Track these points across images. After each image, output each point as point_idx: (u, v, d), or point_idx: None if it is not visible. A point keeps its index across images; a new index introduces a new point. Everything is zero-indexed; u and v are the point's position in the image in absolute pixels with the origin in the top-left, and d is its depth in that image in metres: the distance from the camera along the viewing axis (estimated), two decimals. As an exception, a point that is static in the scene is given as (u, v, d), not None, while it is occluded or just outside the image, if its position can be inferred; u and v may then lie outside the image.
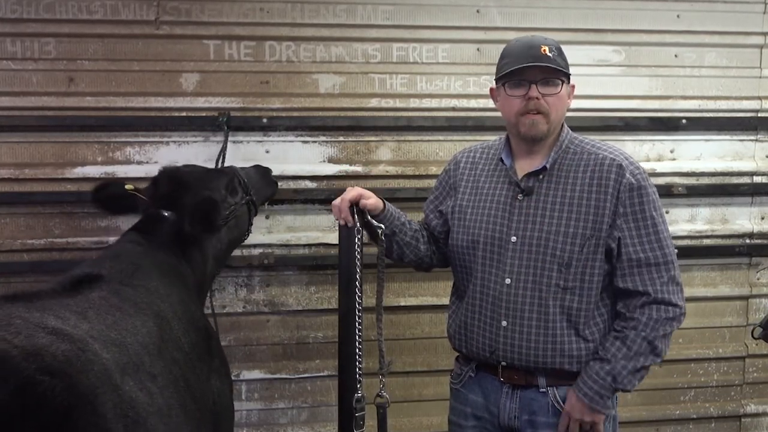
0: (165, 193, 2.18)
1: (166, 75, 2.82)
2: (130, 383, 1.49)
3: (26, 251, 2.79)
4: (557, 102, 1.89)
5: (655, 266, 1.86)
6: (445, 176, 2.18)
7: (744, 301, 3.24)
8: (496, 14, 2.96)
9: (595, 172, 1.89)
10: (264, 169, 2.67)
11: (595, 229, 1.86)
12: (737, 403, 3.28)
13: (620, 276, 1.89)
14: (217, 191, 2.28)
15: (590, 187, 1.88)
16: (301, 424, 3.05)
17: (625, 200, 1.86)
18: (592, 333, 1.91)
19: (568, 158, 1.94)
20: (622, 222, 1.86)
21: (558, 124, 1.95)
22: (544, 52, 1.86)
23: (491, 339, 1.96)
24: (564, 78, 1.89)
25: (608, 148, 1.95)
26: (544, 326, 1.90)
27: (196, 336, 1.97)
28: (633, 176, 1.87)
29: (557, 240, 1.87)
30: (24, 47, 2.75)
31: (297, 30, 2.87)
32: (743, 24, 3.08)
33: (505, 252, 1.94)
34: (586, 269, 1.88)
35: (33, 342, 1.32)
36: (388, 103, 2.94)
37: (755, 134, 3.16)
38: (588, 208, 1.87)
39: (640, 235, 1.86)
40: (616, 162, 1.88)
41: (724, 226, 3.17)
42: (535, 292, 1.90)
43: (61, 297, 1.66)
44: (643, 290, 1.86)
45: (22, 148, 2.78)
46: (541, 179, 1.93)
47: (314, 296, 3.00)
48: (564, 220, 1.88)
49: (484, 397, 2.02)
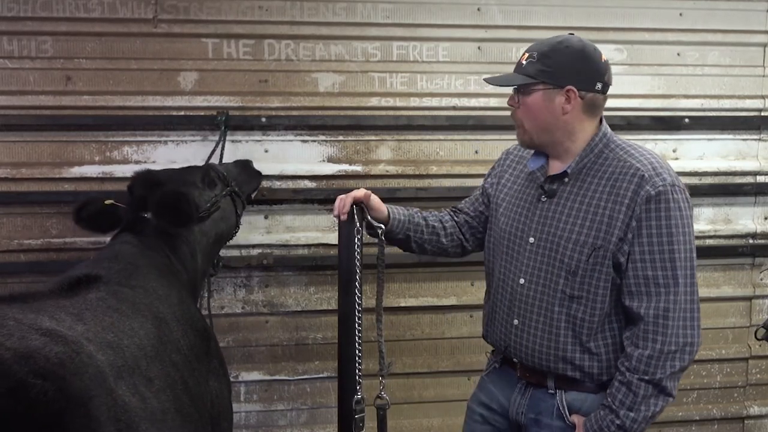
0: (140, 196, 2.17)
1: (165, 74, 2.80)
2: (124, 387, 1.47)
3: (23, 251, 2.78)
4: (525, 111, 1.85)
5: (664, 287, 1.73)
6: (495, 168, 2.19)
7: (747, 302, 3.22)
8: (497, 12, 2.94)
9: (617, 180, 1.79)
10: (244, 162, 2.68)
11: (605, 240, 1.78)
12: (740, 404, 3.26)
13: (626, 293, 1.79)
14: (192, 185, 2.29)
15: (609, 195, 1.79)
16: (301, 425, 3.03)
17: (640, 213, 1.74)
18: (598, 347, 1.84)
19: (598, 163, 1.85)
20: (634, 236, 1.75)
21: (539, 133, 1.87)
22: (522, 60, 1.85)
23: (505, 335, 1.98)
24: (538, 85, 1.81)
25: (641, 156, 1.82)
26: (548, 331, 1.87)
27: (194, 337, 1.95)
28: (654, 188, 1.73)
29: (567, 246, 1.83)
30: (21, 46, 2.73)
31: (296, 28, 2.86)
32: (746, 22, 3.06)
33: (522, 252, 1.93)
34: (592, 279, 1.81)
35: (26, 344, 1.30)
36: (388, 102, 2.92)
37: (758, 133, 3.14)
38: (602, 218, 1.79)
39: (652, 251, 1.74)
40: (640, 172, 1.76)
41: (727, 226, 3.15)
42: (544, 296, 1.87)
43: (58, 298, 1.64)
44: (644, 314, 1.74)
45: (18, 147, 2.76)
46: (566, 183, 1.88)
47: (313, 297, 2.98)
48: (577, 226, 1.82)
49: (501, 389, 2.04)
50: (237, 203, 2.49)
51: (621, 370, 1.79)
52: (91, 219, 2.19)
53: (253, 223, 2.88)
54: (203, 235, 2.32)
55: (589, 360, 1.85)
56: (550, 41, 1.85)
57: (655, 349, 1.73)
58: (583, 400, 1.88)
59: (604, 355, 1.85)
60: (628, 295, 1.78)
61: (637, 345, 1.76)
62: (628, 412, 1.75)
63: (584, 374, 1.86)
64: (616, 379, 1.79)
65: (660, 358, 1.73)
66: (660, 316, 1.74)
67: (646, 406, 1.74)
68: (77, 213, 2.19)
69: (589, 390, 1.88)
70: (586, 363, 1.85)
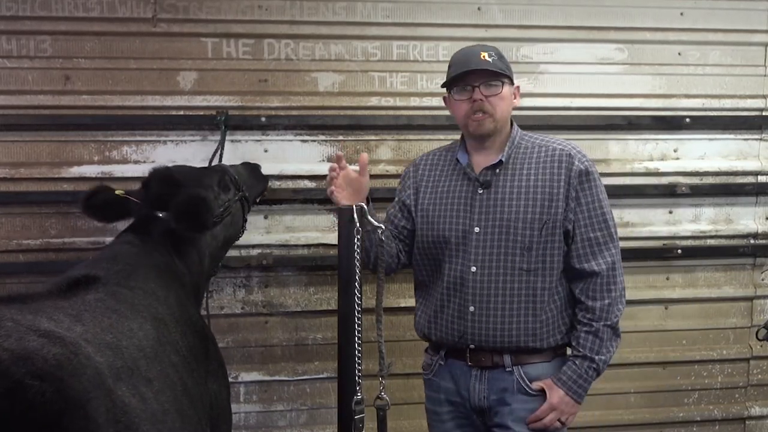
0: (157, 194, 2.14)
1: (164, 73, 2.80)
2: (123, 388, 1.46)
3: (22, 252, 2.77)
4: (499, 102, 2.05)
5: (604, 245, 2.05)
6: (408, 180, 2.27)
7: (748, 302, 3.21)
8: (497, 12, 2.94)
9: (547, 162, 2.07)
10: (253, 165, 2.68)
11: (551, 214, 2.03)
12: (741, 405, 3.25)
13: (575, 256, 2.06)
14: (210, 188, 2.27)
15: (543, 175, 2.05)
16: (300, 426, 3.02)
17: (576, 185, 2.04)
18: (551, 310, 2.07)
19: (521, 152, 2.11)
20: (576, 205, 2.04)
21: (504, 121, 2.11)
22: (483, 57, 2.04)
23: (460, 324, 2.08)
24: (505, 79, 2.06)
25: (556, 141, 2.13)
26: (509, 308, 2.04)
27: (193, 339, 1.94)
28: (581, 163, 2.05)
29: (518, 226, 2.03)
30: (19, 45, 2.73)
31: (296, 28, 2.85)
32: (748, 22, 3.05)
33: (469, 243, 2.07)
34: (546, 251, 2.04)
35: (23, 345, 1.28)
36: (388, 101, 2.92)
37: (760, 133, 3.13)
38: (543, 195, 2.04)
39: (590, 216, 2.05)
40: (566, 152, 2.07)
41: (728, 226, 3.14)
42: (500, 277, 2.04)
43: (56, 299, 1.62)
44: (598, 270, 2.03)
45: (17, 147, 2.76)
46: (498, 173, 2.09)
47: (313, 297, 2.97)
48: (522, 207, 2.04)
49: (455, 383, 2.14)
50: (245, 208, 2.48)
51: (584, 322, 2.05)
52: (99, 207, 2.17)
53: (253, 223, 2.86)
54: (213, 238, 2.31)
55: (540, 323, 2.05)
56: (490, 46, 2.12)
57: (611, 297, 2.04)
58: (539, 370, 2.07)
59: (551, 318, 2.07)
60: (577, 257, 2.06)
61: (595, 298, 2.04)
62: (599, 356, 2.03)
63: (541, 340, 2.06)
64: (581, 332, 2.05)
65: (613, 304, 2.04)
66: (610, 268, 2.05)
67: (608, 348, 2.04)
68: (87, 200, 2.16)
69: (543, 359, 2.08)
70: (539, 329, 2.05)
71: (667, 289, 3.15)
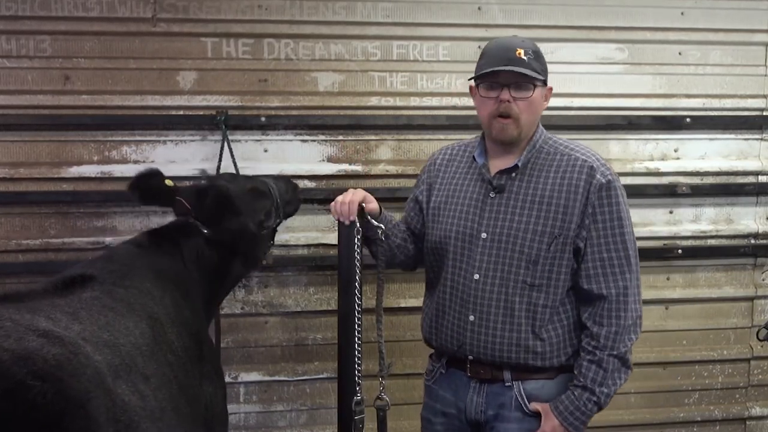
0: (210, 210, 2.16)
1: (163, 73, 2.79)
2: (122, 386, 1.47)
3: (21, 252, 2.77)
4: (528, 106, 1.91)
5: (618, 267, 1.89)
6: (423, 175, 2.20)
7: (749, 302, 3.21)
8: (498, 11, 2.93)
9: (566, 172, 1.92)
10: (294, 186, 2.59)
11: (564, 228, 1.89)
12: (742, 405, 3.25)
13: (584, 276, 1.91)
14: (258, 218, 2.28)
15: (561, 186, 1.91)
16: (300, 426, 3.01)
17: (594, 200, 1.89)
18: (555, 329, 1.94)
19: (541, 158, 1.97)
20: (591, 222, 1.89)
21: (530, 127, 1.96)
22: (519, 55, 1.88)
23: (459, 333, 1.98)
24: (537, 82, 1.91)
25: (581, 149, 1.98)
26: (509, 322, 1.92)
27: (188, 340, 1.94)
28: (604, 177, 1.90)
29: (525, 237, 1.90)
30: (19, 45, 2.72)
31: (296, 27, 2.85)
32: (748, 21, 3.05)
33: (475, 248, 1.96)
34: (553, 267, 1.91)
35: (24, 345, 1.29)
36: (388, 101, 2.92)
37: (760, 133, 3.13)
38: (558, 207, 1.90)
39: (606, 235, 1.90)
40: (588, 163, 1.92)
41: (729, 226, 3.14)
42: (502, 288, 1.92)
43: (53, 297, 1.63)
44: (606, 293, 1.89)
45: (17, 147, 2.75)
46: (514, 177, 1.96)
47: (313, 297, 2.97)
48: (533, 218, 1.91)
49: (453, 393, 2.04)
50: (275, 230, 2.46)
51: (588, 350, 1.90)
52: (147, 191, 2.18)
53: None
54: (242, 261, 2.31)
55: (542, 346, 1.92)
56: (528, 41, 1.95)
57: (619, 325, 1.88)
58: (540, 388, 1.95)
59: (555, 339, 1.93)
60: (587, 278, 1.91)
61: (602, 324, 1.89)
62: (602, 388, 1.87)
63: (543, 359, 1.93)
64: (584, 359, 1.90)
65: (623, 333, 1.88)
66: (621, 294, 1.89)
67: (614, 380, 1.88)
68: (138, 180, 2.15)
69: (545, 377, 1.95)
70: (539, 349, 1.92)
71: (667, 289, 3.15)
